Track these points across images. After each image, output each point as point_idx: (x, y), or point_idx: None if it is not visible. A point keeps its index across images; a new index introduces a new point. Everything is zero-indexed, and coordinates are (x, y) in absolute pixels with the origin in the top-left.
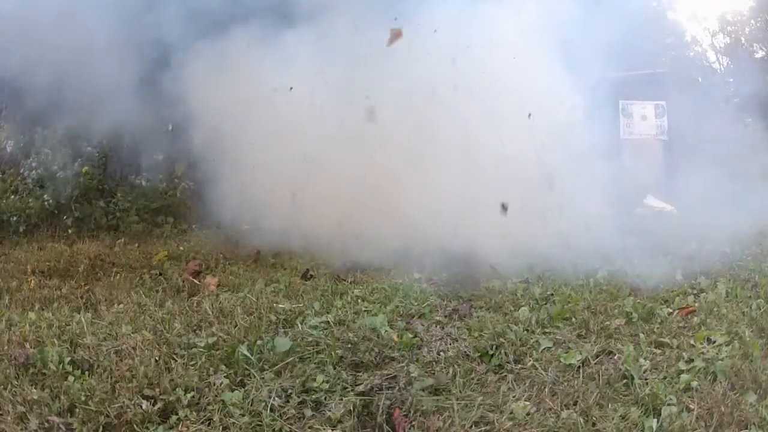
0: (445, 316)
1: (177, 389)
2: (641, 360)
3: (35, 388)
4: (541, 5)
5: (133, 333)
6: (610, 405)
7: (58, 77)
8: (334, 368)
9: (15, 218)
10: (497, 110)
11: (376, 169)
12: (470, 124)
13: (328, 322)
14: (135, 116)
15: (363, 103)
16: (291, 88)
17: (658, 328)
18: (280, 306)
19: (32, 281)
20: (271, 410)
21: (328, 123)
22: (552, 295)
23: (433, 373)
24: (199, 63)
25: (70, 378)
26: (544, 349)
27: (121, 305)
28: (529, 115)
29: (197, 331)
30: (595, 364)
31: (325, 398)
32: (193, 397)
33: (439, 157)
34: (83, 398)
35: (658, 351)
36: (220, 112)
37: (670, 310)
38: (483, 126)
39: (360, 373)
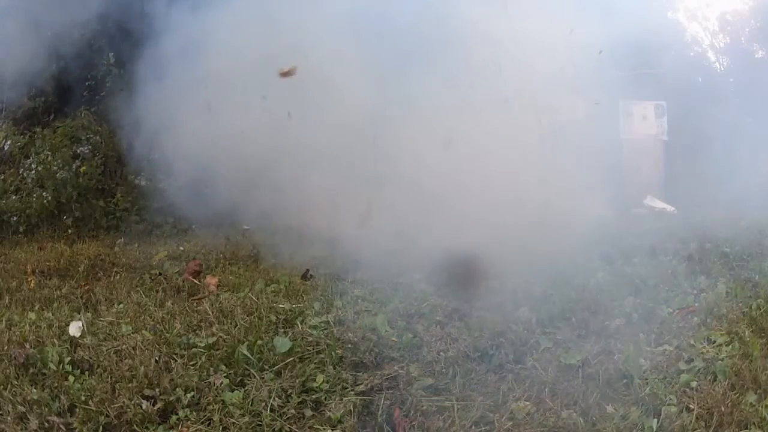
0: (445, 316)
1: (177, 389)
2: (641, 360)
3: (35, 388)
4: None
5: (133, 333)
6: (610, 405)
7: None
8: (334, 368)
9: (15, 218)
10: (496, 109)
11: (377, 168)
12: (470, 123)
13: (328, 322)
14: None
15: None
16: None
17: (658, 328)
18: (280, 306)
19: (32, 281)
20: (271, 410)
21: (328, 122)
22: (552, 295)
23: (433, 373)
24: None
25: (70, 378)
26: (544, 349)
27: (121, 305)
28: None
29: (197, 331)
30: (595, 364)
31: (325, 398)
32: (193, 397)
33: (438, 156)
34: (83, 398)
35: (658, 351)
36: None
37: (670, 310)
38: (482, 125)
39: (360, 373)
